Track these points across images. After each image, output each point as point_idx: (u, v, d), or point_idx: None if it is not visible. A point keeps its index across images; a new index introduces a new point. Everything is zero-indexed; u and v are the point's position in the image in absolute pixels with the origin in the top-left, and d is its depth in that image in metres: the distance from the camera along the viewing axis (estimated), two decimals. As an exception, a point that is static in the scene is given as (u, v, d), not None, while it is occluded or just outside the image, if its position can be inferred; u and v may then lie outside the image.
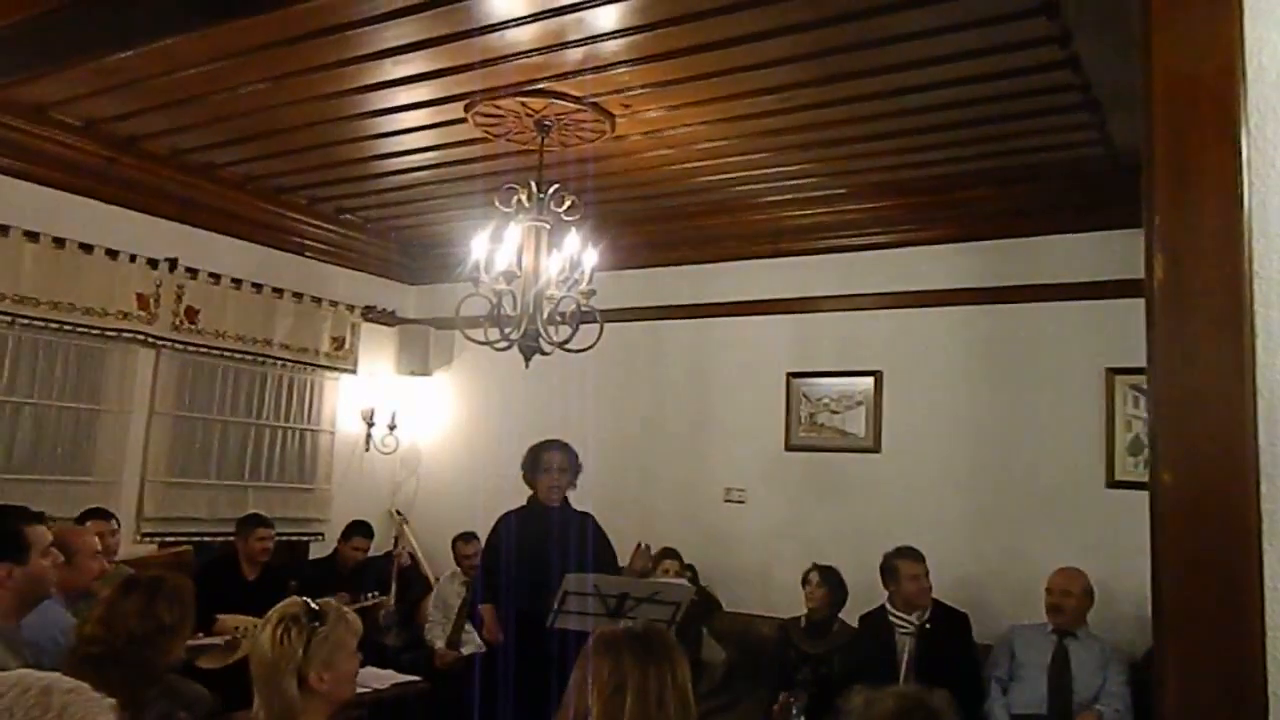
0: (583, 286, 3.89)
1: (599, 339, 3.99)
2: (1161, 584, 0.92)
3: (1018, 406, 4.76)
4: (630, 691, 1.66)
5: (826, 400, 5.23)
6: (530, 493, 4.24)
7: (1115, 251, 4.56)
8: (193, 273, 5.29)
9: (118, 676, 2.05)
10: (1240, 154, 0.91)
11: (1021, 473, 4.71)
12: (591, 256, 3.93)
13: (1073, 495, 4.59)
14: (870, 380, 5.12)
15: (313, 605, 2.02)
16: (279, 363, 5.77)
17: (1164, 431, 0.91)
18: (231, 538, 5.08)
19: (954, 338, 4.94)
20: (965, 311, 4.92)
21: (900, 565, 4.30)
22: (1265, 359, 0.90)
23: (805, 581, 4.66)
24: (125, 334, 4.99)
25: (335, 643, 2.00)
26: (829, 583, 4.60)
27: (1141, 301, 3.85)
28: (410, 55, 3.62)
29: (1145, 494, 3.72)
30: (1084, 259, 4.63)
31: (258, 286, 5.63)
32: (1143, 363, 3.85)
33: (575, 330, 3.94)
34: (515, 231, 3.86)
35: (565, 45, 3.49)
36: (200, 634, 3.85)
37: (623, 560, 4.30)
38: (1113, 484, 4.53)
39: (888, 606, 4.35)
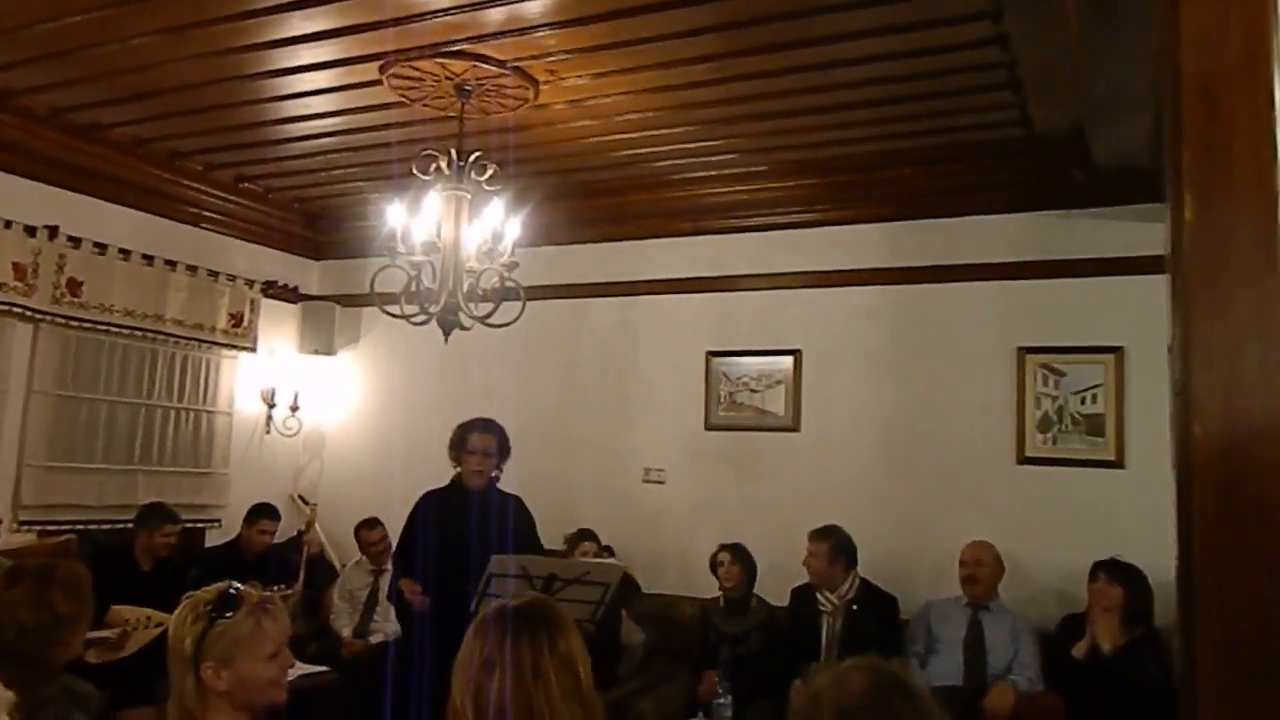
0: (504, 259, 3.75)
1: (521, 314, 3.86)
2: (1194, 547, 0.87)
3: (933, 385, 4.82)
4: (501, 666, 1.55)
5: (746, 379, 5.21)
6: (456, 471, 4.07)
7: (1031, 232, 4.66)
8: (75, 242, 4.92)
9: (10, 675, 1.83)
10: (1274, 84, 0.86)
11: (936, 450, 4.77)
12: (514, 228, 3.79)
13: (985, 472, 4.67)
14: (790, 359, 5.11)
15: (232, 592, 1.82)
16: (172, 340, 5.42)
17: (1198, 383, 0.85)
18: (124, 525, 4.76)
19: (872, 317, 4.97)
20: (884, 291, 4.95)
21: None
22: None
23: (716, 563, 4.62)
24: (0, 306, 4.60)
25: (236, 639, 1.78)
26: (741, 560, 4.59)
27: (1053, 282, 3.90)
28: (319, 9, 3.40)
29: (1054, 470, 3.78)
30: (1000, 240, 4.71)
31: (148, 258, 5.28)
32: (1052, 341, 3.90)
33: (498, 305, 3.79)
34: (434, 200, 3.68)
35: (487, 4, 3.33)
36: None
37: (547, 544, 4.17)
38: (1023, 460, 4.62)
39: (814, 583, 4.36)
